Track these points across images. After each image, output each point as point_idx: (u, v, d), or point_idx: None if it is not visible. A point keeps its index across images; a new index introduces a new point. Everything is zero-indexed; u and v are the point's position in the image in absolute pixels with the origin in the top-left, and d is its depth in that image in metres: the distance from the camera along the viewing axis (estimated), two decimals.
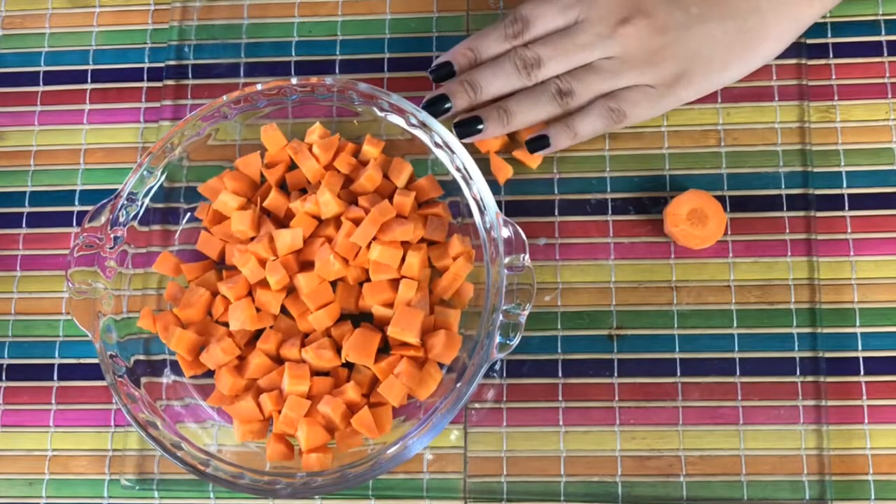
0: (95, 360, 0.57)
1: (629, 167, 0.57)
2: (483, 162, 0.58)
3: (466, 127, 0.54)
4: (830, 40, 0.58)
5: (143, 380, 0.53)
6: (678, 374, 0.54)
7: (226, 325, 0.54)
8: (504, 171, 0.57)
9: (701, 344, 0.55)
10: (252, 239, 0.54)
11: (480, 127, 0.54)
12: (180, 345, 0.53)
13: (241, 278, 0.53)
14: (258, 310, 0.53)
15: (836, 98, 0.57)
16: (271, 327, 0.54)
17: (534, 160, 0.57)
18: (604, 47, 0.53)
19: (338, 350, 0.53)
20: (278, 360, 0.54)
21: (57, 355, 0.58)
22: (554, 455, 0.54)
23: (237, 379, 0.52)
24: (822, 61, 0.58)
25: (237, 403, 0.52)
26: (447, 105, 0.54)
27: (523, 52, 0.54)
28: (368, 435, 0.51)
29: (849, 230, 0.56)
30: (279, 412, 0.52)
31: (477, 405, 0.55)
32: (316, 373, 0.53)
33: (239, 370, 0.53)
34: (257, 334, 0.54)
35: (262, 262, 0.53)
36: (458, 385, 0.49)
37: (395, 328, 0.51)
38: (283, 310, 0.54)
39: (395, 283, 0.53)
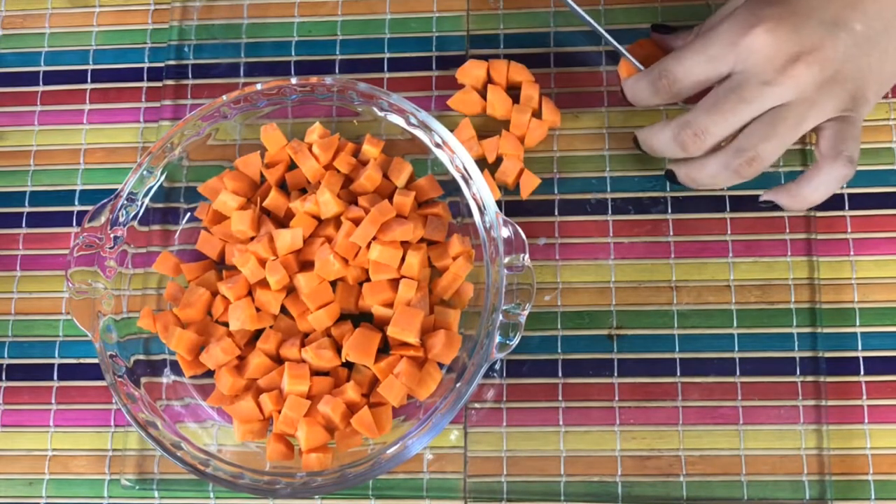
0: (95, 360, 0.57)
1: (629, 167, 0.57)
2: (483, 163, 0.58)
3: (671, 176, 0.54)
4: None
5: (143, 380, 0.53)
6: (678, 373, 0.54)
7: (226, 325, 0.54)
8: (493, 192, 0.56)
9: (701, 344, 0.55)
10: (252, 239, 0.54)
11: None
12: (180, 345, 0.53)
13: (241, 278, 0.53)
14: (258, 310, 0.53)
15: None
16: (271, 327, 0.54)
17: (527, 189, 0.57)
18: (773, 96, 0.47)
19: (338, 350, 0.53)
20: (278, 360, 0.54)
21: (57, 355, 0.58)
22: (554, 455, 0.54)
23: (237, 379, 0.52)
24: None
25: (237, 403, 0.52)
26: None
27: (683, 134, 0.49)
28: (368, 435, 0.51)
29: (849, 230, 0.56)
30: (279, 412, 0.52)
31: (477, 405, 0.55)
32: (316, 373, 0.53)
33: (239, 370, 0.53)
34: (257, 334, 0.54)
35: (262, 262, 0.53)
36: (458, 385, 0.49)
37: (395, 328, 0.51)
38: (283, 310, 0.54)
39: (395, 283, 0.53)
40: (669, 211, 0.57)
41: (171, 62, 0.61)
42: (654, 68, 0.50)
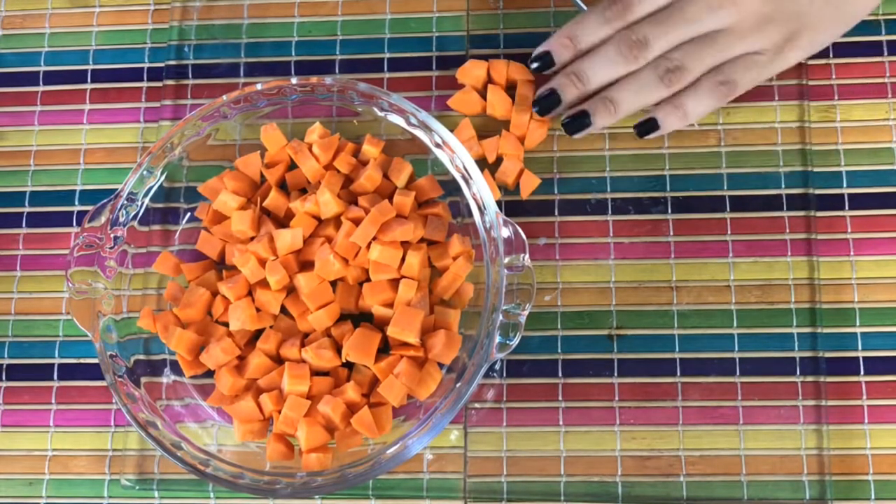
0: (95, 360, 0.57)
1: (629, 167, 0.57)
2: (483, 163, 0.58)
3: (575, 122, 0.54)
4: None
5: (143, 380, 0.53)
6: (678, 374, 0.54)
7: (226, 325, 0.54)
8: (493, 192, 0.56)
9: (701, 344, 0.55)
10: (252, 239, 0.54)
11: (588, 121, 0.54)
12: (180, 345, 0.53)
13: (241, 278, 0.53)
14: (258, 310, 0.53)
15: (836, 98, 0.57)
16: (271, 327, 0.54)
17: (527, 189, 0.57)
18: (715, 19, 0.51)
19: (338, 350, 0.53)
20: (278, 360, 0.54)
21: (57, 355, 0.58)
22: (554, 455, 0.54)
23: (237, 379, 0.52)
24: (822, 61, 0.58)
25: (237, 403, 0.52)
26: (557, 99, 0.54)
27: (627, 35, 0.52)
28: (368, 435, 0.51)
29: (849, 230, 0.56)
30: (279, 412, 0.52)
31: (477, 405, 0.55)
32: (316, 373, 0.53)
33: (239, 370, 0.53)
34: (257, 334, 0.54)
35: (262, 262, 0.53)
36: (458, 385, 0.49)
37: (395, 328, 0.51)
38: (283, 310, 0.54)
39: (395, 283, 0.53)
40: (669, 211, 0.57)
41: (171, 62, 0.61)
42: (602, 3, 0.53)
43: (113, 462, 0.56)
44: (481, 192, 0.51)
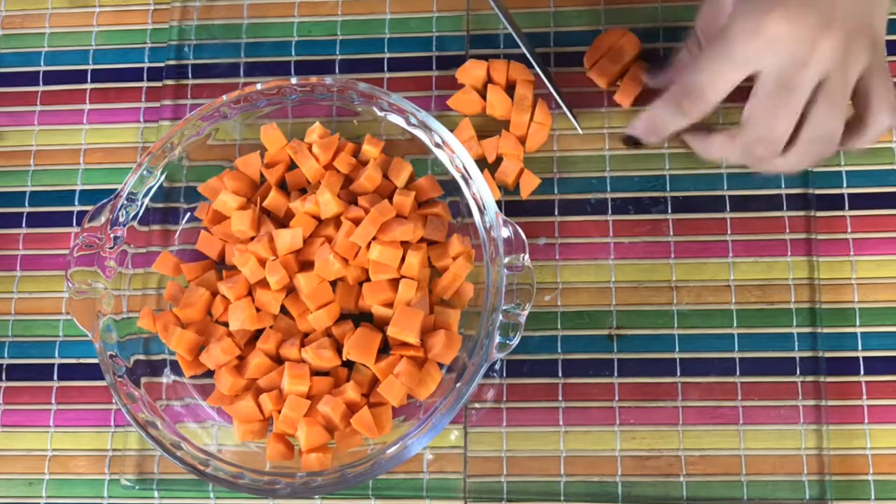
0: (95, 360, 0.57)
1: (629, 167, 0.57)
2: (483, 163, 0.58)
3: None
4: None
5: (143, 380, 0.53)
6: (678, 374, 0.54)
7: (226, 325, 0.54)
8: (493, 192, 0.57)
9: (701, 344, 0.55)
10: (252, 239, 0.54)
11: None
12: (180, 345, 0.53)
13: (241, 278, 0.53)
14: (258, 310, 0.53)
15: None
16: (271, 327, 0.54)
17: (527, 189, 0.57)
18: (815, 75, 0.44)
19: (338, 350, 0.53)
20: (278, 360, 0.54)
21: (57, 355, 0.58)
22: (554, 455, 0.54)
23: (237, 379, 0.52)
24: None
25: (237, 403, 0.52)
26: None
27: (753, 150, 0.47)
28: (368, 435, 0.51)
29: (849, 230, 0.56)
30: (279, 412, 0.52)
31: (477, 405, 0.55)
32: (316, 373, 0.53)
33: (239, 370, 0.53)
34: (257, 334, 0.54)
35: (262, 262, 0.53)
36: (458, 385, 0.49)
37: (395, 328, 0.51)
38: (283, 310, 0.54)
39: (395, 283, 0.53)
40: (669, 211, 0.57)
41: (171, 62, 0.61)
42: (673, 91, 0.47)
43: (113, 462, 0.56)
44: (481, 192, 0.51)
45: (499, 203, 0.57)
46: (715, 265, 0.56)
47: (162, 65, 0.62)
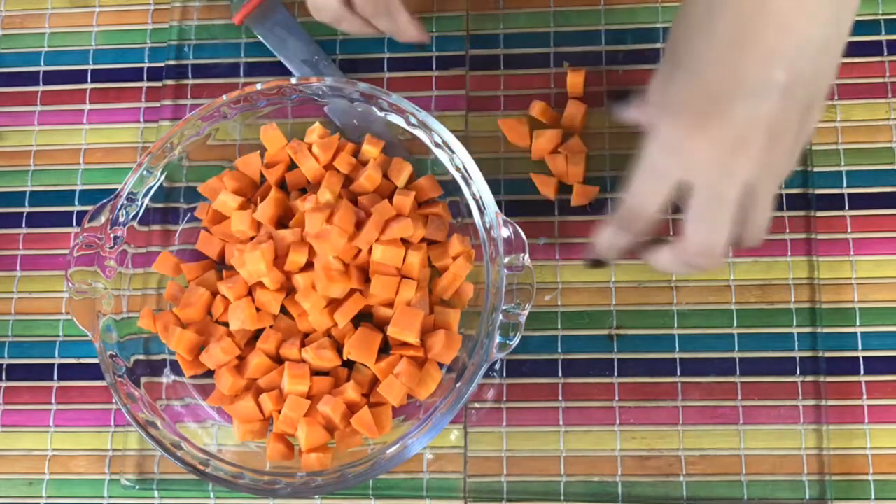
0: (95, 360, 0.57)
1: (629, 167, 0.57)
2: (485, 163, 0.58)
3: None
4: None
5: (143, 380, 0.53)
6: (678, 373, 0.54)
7: (226, 325, 0.54)
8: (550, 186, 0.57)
9: (701, 344, 0.55)
10: (252, 239, 0.54)
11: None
12: (180, 344, 0.53)
13: (240, 278, 0.53)
14: (258, 310, 0.53)
15: (836, 97, 0.57)
16: (271, 327, 0.54)
17: (551, 191, 0.57)
18: (740, 184, 0.42)
19: (338, 350, 0.53)
20: (278, 360, 0.54)
21: (57, 355, 0.58)
22: (554, 455, 0.54)
23: (237, 379, 0.52)
24: None
25: (237, 403, 0.52)
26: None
27: (694, 261, 0.46)
28: (368, 435, 0.51)
29: (849, 230, 0.56)
30: (279, 412, 0.52)
31: (477, 405, 0.55)
32: (316, 373, 0.53)
33: (239, 370, 0.53)
34: (257, 334, 0.54)
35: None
36: (458, 385, 0.49)
37: (395, 328, 0.51)
38: (283, 310, 0.54)
39: (395, 282, 0.52)
40: (669, 211, 0.56)
41: (171, 62, 0.61)
42: (617, 213, 0.47)
43: (113, 462, 0.56)
44: (481, 191, 0.51)
45: (499, 203, 0.57)
46: None
47: (162, 65, 0.62)
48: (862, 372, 0.54)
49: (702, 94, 0.41)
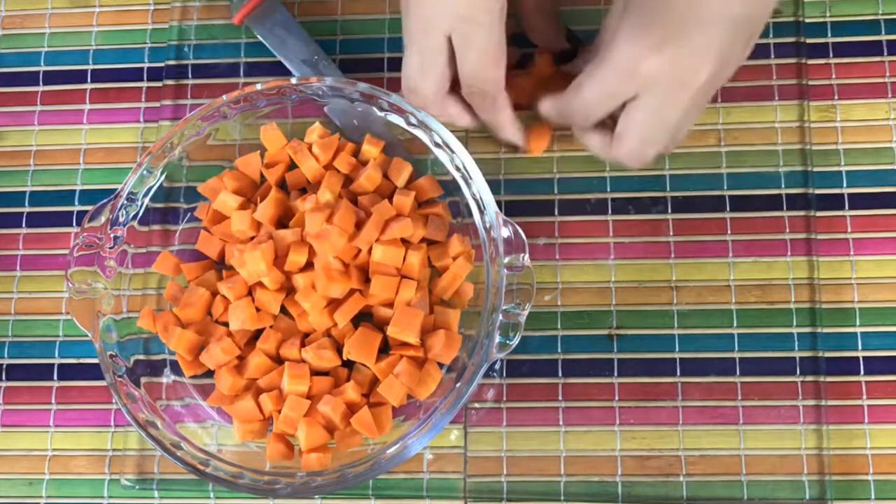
0: (95, 360, 0.57)
1: (629, 167, 0.57)
2: (485, 163, 0.58)
3: None
4: (830, 40, 0.58)
5: (143, 380, 0.53)
6: (678, 373, 0.54)
7: (226, 325, 0.54)
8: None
9: (701, 344, 0.55)
10: (252, 239, 0.54)
11: None
12: (180, 344, 0.53)
13: (240, 278, 0.53)
14: (258, 310, 0.53)
15: (836, 97, 0.57)
16: (271, 327, 0.54)
17: (538, 148, 0.58)
18: (690, 100, 0.47)
19: (338, 350, 0.53)
20: (278, 360, 0.54)
21: (57, 355, 0.58)
22: (554, 455, 0.54)
23: (237, 379, 0.52)
24: (822, 61, 0.58)
25: (237, 403, 0.52)
26: None
27: (622, 151, 0.50)
28: (368, 435, 0.51)
29: (849, 230, 0.56)
30: (279, 412, 0.52)
31: (477, 405, 0.55)
32: (316, 372, 0.53)
33: (239, 370, 0.53)
34: (257, 334, 0.54)
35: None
36: (458, 385, 0.49)
37: (395, 328, 0.51)
38: (283, 310, 0.54)
39: (395, 282, 0.52)
40: (669, 211, 0.57)
41: (171, 62, 0.61)
42: (560, 103, 0.51)
43: (113, 462, 0.56)
44: (481, 191, 0.51)
45: (499, 203, 0.57)
46: (715, 265, 0.56)
47: (162, 65, 0.62)
48: (862, 372, 0.54)
49: (663, 20, 0.44)
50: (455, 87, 0.52)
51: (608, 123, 0.50)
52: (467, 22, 0.47)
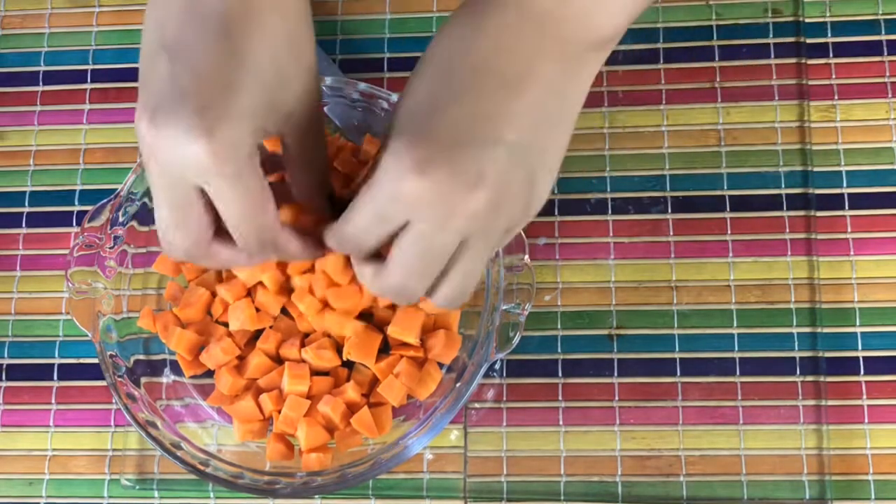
0: (95, 360, 0.57)
1: (629, 167, 0.57)
2: None
3: None
4: (830, 40, 0.58)
5: (143, 380, 0.53)
6: (678, 373, 0.54)
7: (226, 324, 0.54)
8: None
9: (701, 344, 0.55)
10: None
11: None
12: (180, 344, 0.53)
13: (238, 280, 0.53)
14: (258, 310, 0.53)
15: (836, 97, 0.57)
16: (271, 327, 0.54)
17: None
18: (454, 238, 0.40)
19: (338, 350, 0.53)
20: (278, 360, 0.54)
21: (57, 355, 0.58)
22: (554, 455, 0.54)
23: (237, 379, 0.52)
24: (822, 61, 0.58)
25: (237, 403, 0.52)
26: None
27: (395, 296, 0.44)
28: (368, 435, 0.51)
29: (849, 230, 0.56)
30: (279, 412, 0.51)
31: (477, 405, 0.55)
32: (316, 372, 0.53)
33: (239, 370, 0.53)
34: (257, 334, 0.54)
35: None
36: (458, 385, 0.49)
37: (396, 328, 0.51)
38: (283, 310, 0.54)
39: None
40: (669, 211, 0.57)
41: None
42: (335, 231, 0.43)
43: (113, 462, 0.56)
44: None
45: None
46: (715, 265, 0.56)
47: None
48: (862, 372, 0.54)
49: (428, 138, 0.39)
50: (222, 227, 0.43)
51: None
52: (215, 175, 0.39)
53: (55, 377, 0.58)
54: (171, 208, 0.41)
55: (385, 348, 0.53)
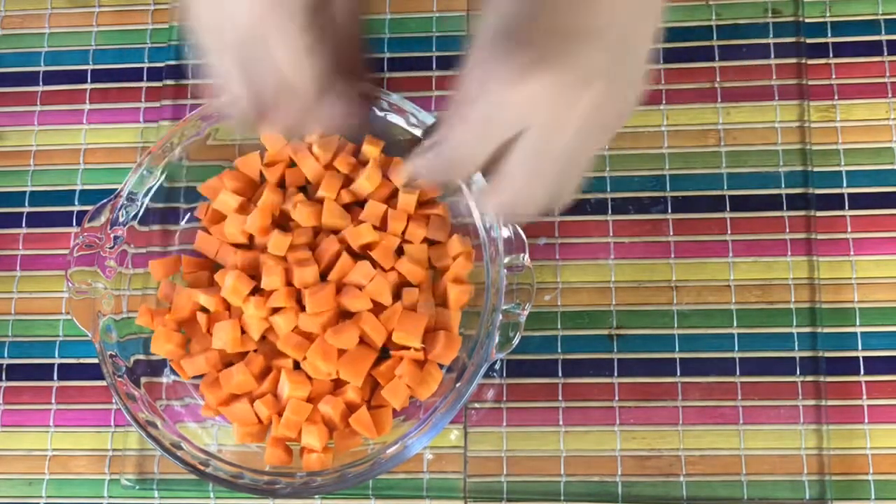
0: (95, 360, 0.57)
1: (629, 167, 0.57)
2: None
3: None
4: (830, 40, 0.58)
5: (143, 380, 0.53)
6: (678, 373, 0.54)
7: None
8: None
9: (701, 344, 0.55)
10: (243, 245, 0.54)
11: None
12: (161, 350, 0.52)
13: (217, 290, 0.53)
14: (243, 332, 0.52)
15: (836, 97, 0.57)
16: (255, 351, 0.53)
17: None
18: (574, 136, 0.40)
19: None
20: (267, 371, 0.53)
21: (57, 355, 0.58)
22: (554, 455, 0.54)
23: (219, 391, 0.52)
24: (822, 61, 0.58)
25: (234, 406, 0.52)
26: None
27: (515, 209, 0.43)
28: (368, 435, 0.51)
29: (849, 230, 0.56)
30: (278, 415, 0.51)
31: (477, 405, 0.55)
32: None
33: (221, 381, 0.52)
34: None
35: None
36: (458, 385, 0.49)
37: (400, 334, 0.50)
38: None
39: (398, 287, 0.52)
40: (669, 211, 0.57)
41: (171, 62, 0.61)
42: (429, 156, 0.42)
43: (113, 462, 0.56)
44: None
45: None
46: (715, 265, 0.56)
47: (162, 65, 0.62)
48: (862, 372, 0.54)
49: (538, 36, 0.38)
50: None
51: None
52: (270, 25, 0.41)
53: (55, 377, 0.58)
54: (238, 65, 0.43)
55: (385, 349, 0.53)
